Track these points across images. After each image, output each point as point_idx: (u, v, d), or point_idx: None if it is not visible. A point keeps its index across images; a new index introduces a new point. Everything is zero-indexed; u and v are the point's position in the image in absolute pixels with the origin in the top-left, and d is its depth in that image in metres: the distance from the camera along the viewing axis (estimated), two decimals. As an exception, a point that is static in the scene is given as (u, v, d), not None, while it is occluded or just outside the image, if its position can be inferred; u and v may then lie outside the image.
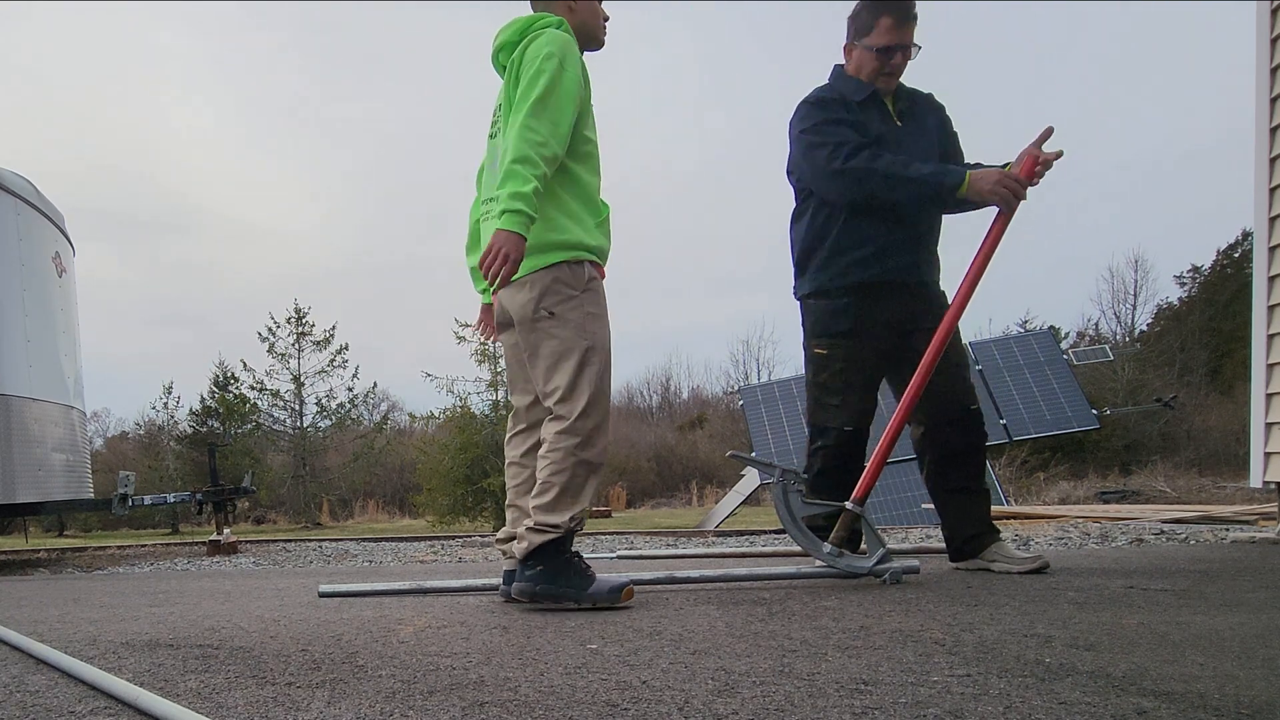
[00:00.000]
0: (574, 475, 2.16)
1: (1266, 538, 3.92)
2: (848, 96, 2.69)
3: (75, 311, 7.32)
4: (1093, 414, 11.16)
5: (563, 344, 2.18)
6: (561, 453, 2.16)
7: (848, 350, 2.69)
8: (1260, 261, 3.98)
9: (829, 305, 2.71)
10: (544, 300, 2.19)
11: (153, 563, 6.34)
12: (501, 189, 2.06)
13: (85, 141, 45.87)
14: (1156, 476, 13.92)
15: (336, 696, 1.34)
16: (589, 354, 2.17)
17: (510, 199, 2.03)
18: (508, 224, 2.03)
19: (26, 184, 6.55)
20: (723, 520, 12.66)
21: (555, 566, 2.16)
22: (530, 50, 2.16)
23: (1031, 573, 2.59)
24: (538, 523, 2.16)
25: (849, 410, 2.71)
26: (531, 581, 2.18)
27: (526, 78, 2.12)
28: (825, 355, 2.71)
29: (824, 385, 2.73)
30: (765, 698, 1.26)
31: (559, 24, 2.24)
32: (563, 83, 2.12)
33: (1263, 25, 3.99)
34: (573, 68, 2.15)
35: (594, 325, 2.20)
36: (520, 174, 2.04)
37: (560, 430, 2.18)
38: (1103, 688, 1.28)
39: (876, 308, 2.68)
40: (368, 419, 24.24)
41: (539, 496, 2.18)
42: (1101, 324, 26.09)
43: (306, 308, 21.59)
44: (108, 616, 2.46)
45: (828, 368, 2.71)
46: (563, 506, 2.16)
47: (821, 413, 2.73)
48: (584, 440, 2.16)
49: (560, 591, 2.16)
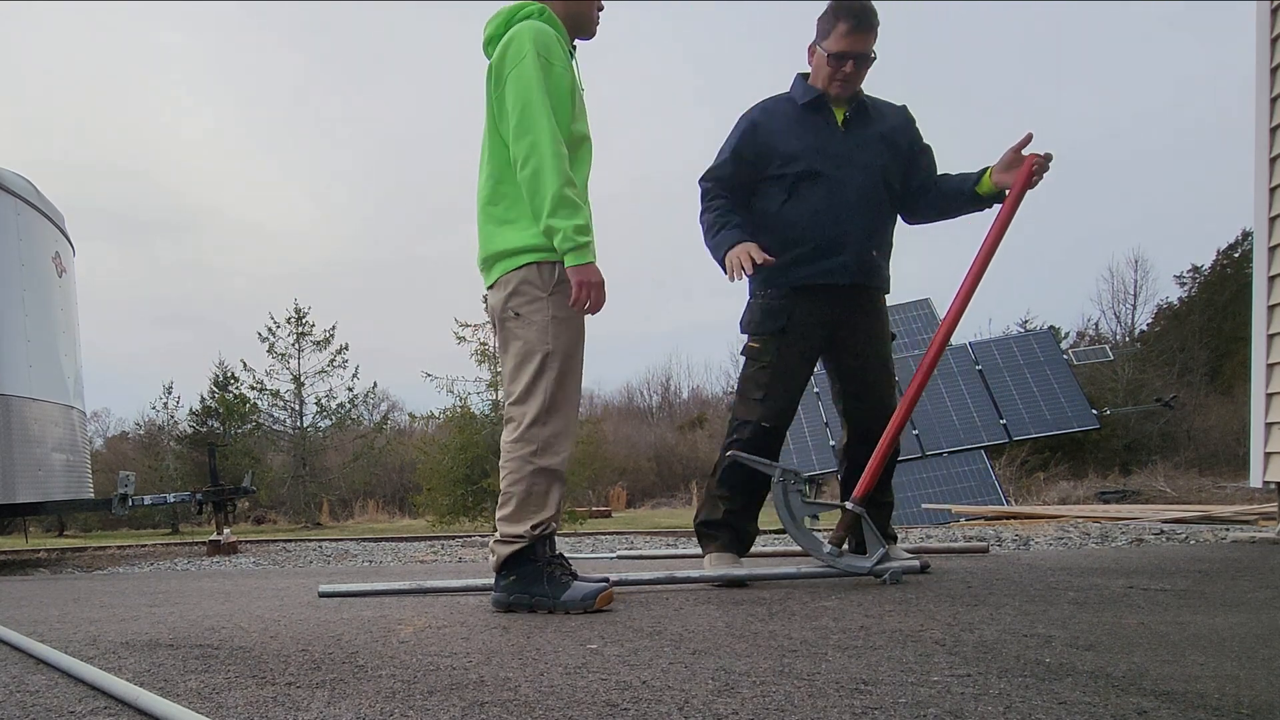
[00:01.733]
0: (533, 484, 2.14)
1: (1266, 538, 3.92)
2: (794, 101, 2.72)
3: (75, 311, 7.32)
4: (1093, 414, 11.16)
5: (525, 346, 2.18)
6: (517, 461, 2.15)
7: (779, 348, 2.71)
8: (1260, 261, 3.98)
9: (766, 303, 2.73)
10: (511, 301, 2.19)
11: (153, 563, 6.34)
12: (559, 220, 2.06)
13: (85, 141, 45.88)
14: (1156, 476, 13.91)
15: (336, 696, 1.34)
16: (548, 359, 2.15)
17: (575, 234, 2.06)
18: (579, 260, 2.08)
19: (26, 184, 6.55)
20: (723, 520, 12.67)
21: (527, 575, 2.16)
22: (513, 50, 2.12)
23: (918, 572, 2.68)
24: (502, 534, 2.17)
25: (770, 407, 2.72)
26: (505, 592, 2.18)
27: (522, 85, 2.09)
28: (758, 349, 2.74)
29: (750, 378, 2.75)
30: (765, 698, 1.26)
31: (539, 12, 2.20)
32: (554, 82, 2.11)
33: (1263, 25, 3.99)
34: (559, 61, 2.14)
35: (559, 329, 2.17)
36: (571, 201, 2.07)
37: (513, 439, 2.18)
38: (1103, 688, 1.28)
39: (811, 308, 2.70)
40: (368, 419, 24.22)
41: (501, 507, 2.18)
42: (1101, 324, 26.08)
43: (306, 308, 21.56)
44: (108, 616, 2.46)
45: (757, 360, 2.74)
46: (525, 516, 2.15)
47: (743, 406, 2.74)
48: (540, 448, 2.14)
49: (533, 600, 2.15)
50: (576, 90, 2.23)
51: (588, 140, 2.28)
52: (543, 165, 2.05)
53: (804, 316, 2.70)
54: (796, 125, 2.69)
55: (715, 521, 2.75)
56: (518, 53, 2.11)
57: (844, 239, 2.67)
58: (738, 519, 2.75)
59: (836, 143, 2.68)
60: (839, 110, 2.72)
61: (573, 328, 2.21)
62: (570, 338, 2.20)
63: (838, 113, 2.71)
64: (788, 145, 2.67)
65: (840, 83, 2.65)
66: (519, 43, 2.11)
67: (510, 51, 2.13)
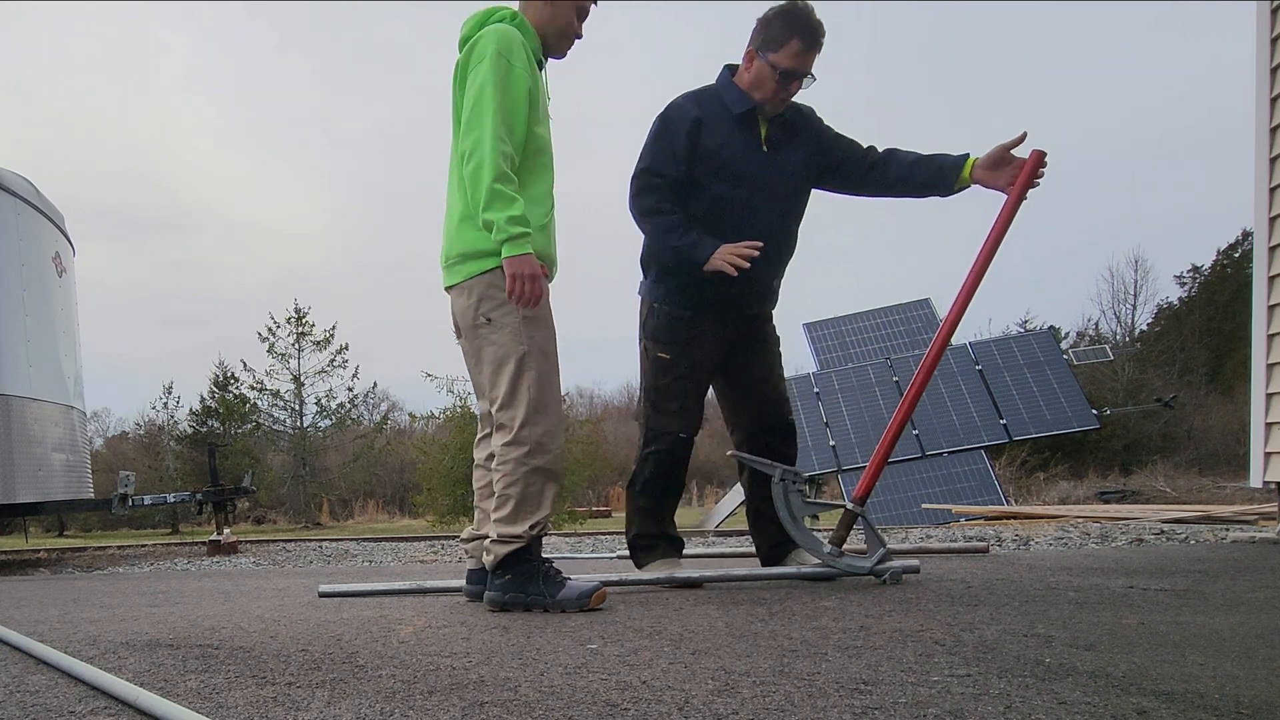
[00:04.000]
0: (528, 485, 2.16)
1: (1266, 538, 3.92)
2: (727, 108, 2.61)
3: (75, 311, 7.32)
4: (1093, 414, 11.16)
5: (500, 350, 2.19)
6: (512, 464, 2.17)
7: (690, 358, 2.71)
8: (1260, 261, 3.98)
9: (673, 314, 2.71)
10: (481, 306, 2.20)
11: (153, 563, 6.34)
12: (493, 213, 2.07)
13: (85, 141, 45.89)
14: (1156, 476, 13.90)
15: (336, 696, 1.34)
16: (526, 359, 2.17)
17: (508, 224, 2.06)
18: (514, 250, 2.08)
19: (26, 184, 6.55)
20: (723, 520, 12.68)
21: (523, 574, 2.18)
22: (477, 51, 2.16)
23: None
24: (500, 534, 2.18)
25: (687, 416, 2.73)
26: (500, 590, 2.19)
27: (478, 82, 2.13)
28: (669, 361, 2.71)
29: (664, 389, 2.73)
30: (765, 698, 1.26)
31: (511, 17, 2.24)
32: (511, 81, 2.13)
33: (1263, 25, 3.99)
34: (520, 64, 2.15)
35: (532, 329, 2.18)
36: (505, 194, 2.08)
37: (506, 442, 2.19)
38: (1103, 688, 1.28)
39: (714, 326, 2.71)
40: (368, 419, 24.24)
41: (498, 510, 2.19)
42: (1101, 324, 26.06)
43: (306, 308, 21.57)
44: (108, 616, 2.46)
45: (670, 373, 2.72)
46: (522, 517, 2.16)
47: (660, 417, 2.73)
48: (533, 448, 2.16)
49: (529, 599, 2.17)
50: (540, 95, 2.24)
51: (549, 147, 2.29)
52: (483, 160, 2.08)
53: (708, 333, 2.70)
54: (726, 137, 2.60)
55: (649, 534, 2.76)
56: (480, 53, 2.15)
57: (746, 271, 2.63)
58: (665, 526, 2.78)
59: (757, 165, 2.61)
60: (764, 123, 2.65)
61: (544, 325, 2.22)
62: (544, 335, 2.21)
63: (763, 125, 2.65)
64: (717, 157, 2.59)
65: (781, 100, 2.59)
66: (483, 44, 2.15)
67: (475, 52, 2.17)
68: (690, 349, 2.70)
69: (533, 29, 2.26)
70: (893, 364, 12.21)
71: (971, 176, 2.56)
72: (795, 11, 2.53)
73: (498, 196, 2.07)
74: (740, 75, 2.64)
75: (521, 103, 2.15)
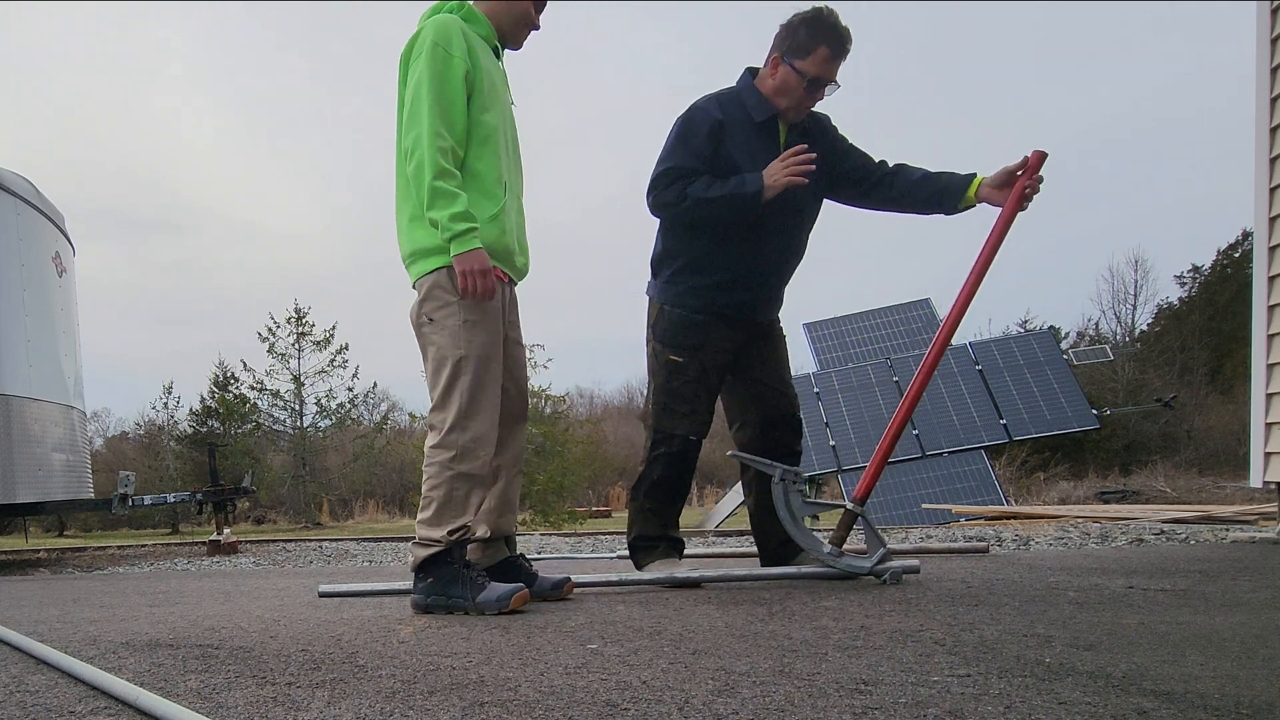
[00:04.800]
0: (452, 489, 2.15)
1: (1266, 538, 3.92)
2: (748, 114, 2.59)
3: (75, 311, 7.32)
4: (1093, 414, 11.16)
5: (439, 351, 2.18)
6: (437, 467, 2.16)
7: (701, 362, 2.71)
8: (1260, 261, 3.98)
9: (685, 317, 2.71)
10: (424, 306, 2.20)
11: (153, 563, 6.34)
12: (436, 211, 2.06)
13: (85, 141, 45.89)
14: (1156, 476, 13.91)
15: (336, 696, 1.34)
16: (462, 364, 2.15)
17: (451, 222, 2.05)
18: (461, 247, 2.06)
19: (26, 184, 6.55)
20: (723, 520, 12.68)
21: (444, 578, 2.17)
22: (416, 45, 2.15)
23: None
24: (420, 537, 2.18)
25: (697, 419, 2.73)
26: (423, 594, 2.19)
27: (415, 78, 2.11)
28: (681, 364, 2.71)
29: (675, 392, 2.73)
30: (765, 698, 1.26)
31: (458, 8, 2.23)
32: (449, 72, 2.11)
33: (1263, 25, 3.99)
34: (458, 51, 2.13)
35: (472, 333, 2.16)
36: (447, 191, 2.06)
37: (434, 444, 2.18)
38: (1103, 688, 1.28)
39: (722, 331, 2.72)
40: (368, 419, 24.22)
41: (421, 511, 2.19)
42: (1101, 324, 26.06)
43: (306, 308, 21.56)
44: (108, 616, 2.46)
45: (681, 375, 2.72)
46: (444, 520, 2.16)
47: (670, 419, 2.74)
48: (459, 454, 2.15)
49: (450, 602, 2.16)
50: (485, 80, 2.20)
51: (496, 134, 2.24)
52: (423, 159, 2.06)
53: (718, 337, 2.71)
54: (747, 144, 2.59)
55: (651, 535, 2.76)
56: (418, 48, 2.14)
57: (758, 278, 2.68)
58: (669, 529, 2.78)
59: None
60: (783, 130, 2.64)
61: (487, 330, 2.20)
62: (485, 341, 2.19)
63: (782, 132, 2.64)
64: (736, 164, 2.57)
65: (805, 107, 2.58)
66: (421, 38, 2.15)
67: (415, 47, 2.16)
68: (701, 353, 2.70)
69: (484, 17, 2.25)
70: (893, 364, 12.21)
71: (977, 196, 2.56)
72: (821, 19, 2.52)
73: (439, 194, 2.06)
74: (763, 80, 2.62)
75: (460, 92, 2.13)
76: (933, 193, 2.63)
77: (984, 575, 2.67)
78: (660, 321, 2.76)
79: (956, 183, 2.60)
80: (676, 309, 2.72)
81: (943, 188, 2.61)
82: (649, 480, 2.76)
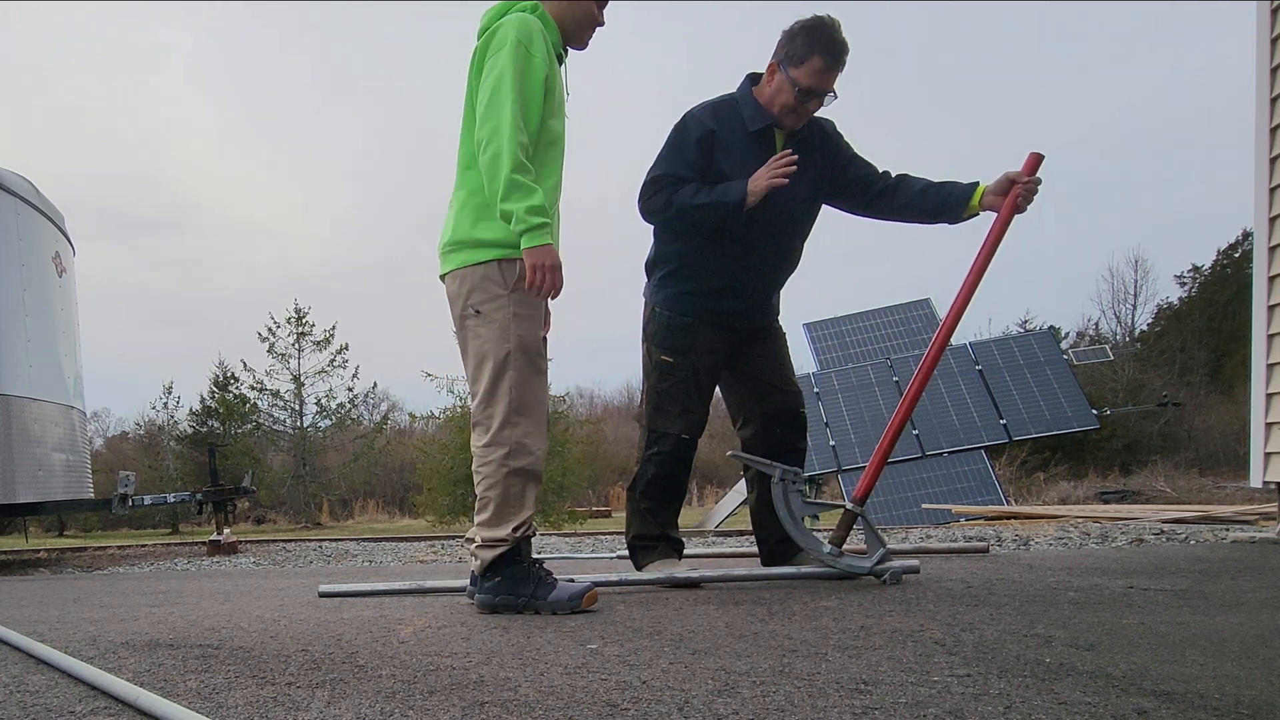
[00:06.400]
0: (508, 487, 2.13)
1: (1266, 538, 3.92)
2: (743, 123, 2.58)
3: (75, 311, 7.31)
4: (1093, 414, 11.17)
5: (485, 344, 2.15)
6: (492, 465, 2.14)
7: (692, 362, 2.72)
8: (1260, 261, 3.98)
9: (673, 320, 2.72)
10: (471, 298, 2.17)
11: (153, 563, 6.34)
12: (513, 203, 2.03)
13: (85, 141, 45.90)
14: (1156, 476, 13.90)
15: (336, 696, 1.34)
16: (509, 358, 2.13)
17: (528, 215, 2.02)
18: (534, 241, 2.04)
19: (26, 184, 6.54)
20: (723, 520, 12.67)
21: (512, 577, 2.15)
22: (496, 39, 2.14)
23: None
24: (484, 539, 2.16)
25: (690, 419, 2.74)
26: (491, 593, 2.17)
27: (496, 70, 2.10)
28: (672, 364, 2.73)
29: (667, 392, 2.74)
30: (765, 698, 1.26)
31: (533, 8, 2.21)
32: (530, 71, 2.11)
33: (1263, 25, 3.99)
34: (539, 54, 2.12)
35: (520, 327, 2.14)
36: (524, 185, 2.04)
37: (484, 443, 2.16)
38: (1103, 688, 1.28)
39: (712, 334, 2.72)
40: (368, 419, 24.22)
41: (480, 513, 2.17)
42: (1101, 324, 26.07)
43: (306, 308, 21.56)
44: (108, 616, 2.46)
45: (672, 376, 2.73)
46: (506, 519, 2.14)
47: (663, 419, 2.75)
48: (512, 450, 2.13)
49: (521, 601, 2.14)
50: (557, 87, 2.21)
51: (561, 140, 2.25)
52: (501, 149, 2.04)
53: (705, 339, 2.71)
54: (740, 154, 2.57)
55: (649, 535, 2.76)
56: (500, 41, 2.12)
57: (747, 287, 2.67)
58: (668, 529, 2.78)
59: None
60: (779, 139, 2.63)
61: (535, 323, 2.19)
62: (533, 334, 2.18)
63: (778, 142, 2.62)
64: (728, 175, 2.56)
65: (800, 117, 2.57)
66: (503, 32, 2.13)
67: (495, 40, 2.14)
68: (690, 355, 2.72)
69: (553, 21, 2.24)
70: (893, 364, 12.21)
71: (981, 204, 2.56)
72: (819, 28, 2.50)
73: (516, 187, 2.03)
74: (762, 87, 2.61)
75: (538, 94, 2.13)
76: (937, 203, 2.63)
77: (984, 575, 2.67)
78: (651, 323, 2.78)
79: (960, 192, 2.60)
80: (666, 312, 2.74)
81: (946, 197, 2.62)
82: (644, 479, 2.77)
